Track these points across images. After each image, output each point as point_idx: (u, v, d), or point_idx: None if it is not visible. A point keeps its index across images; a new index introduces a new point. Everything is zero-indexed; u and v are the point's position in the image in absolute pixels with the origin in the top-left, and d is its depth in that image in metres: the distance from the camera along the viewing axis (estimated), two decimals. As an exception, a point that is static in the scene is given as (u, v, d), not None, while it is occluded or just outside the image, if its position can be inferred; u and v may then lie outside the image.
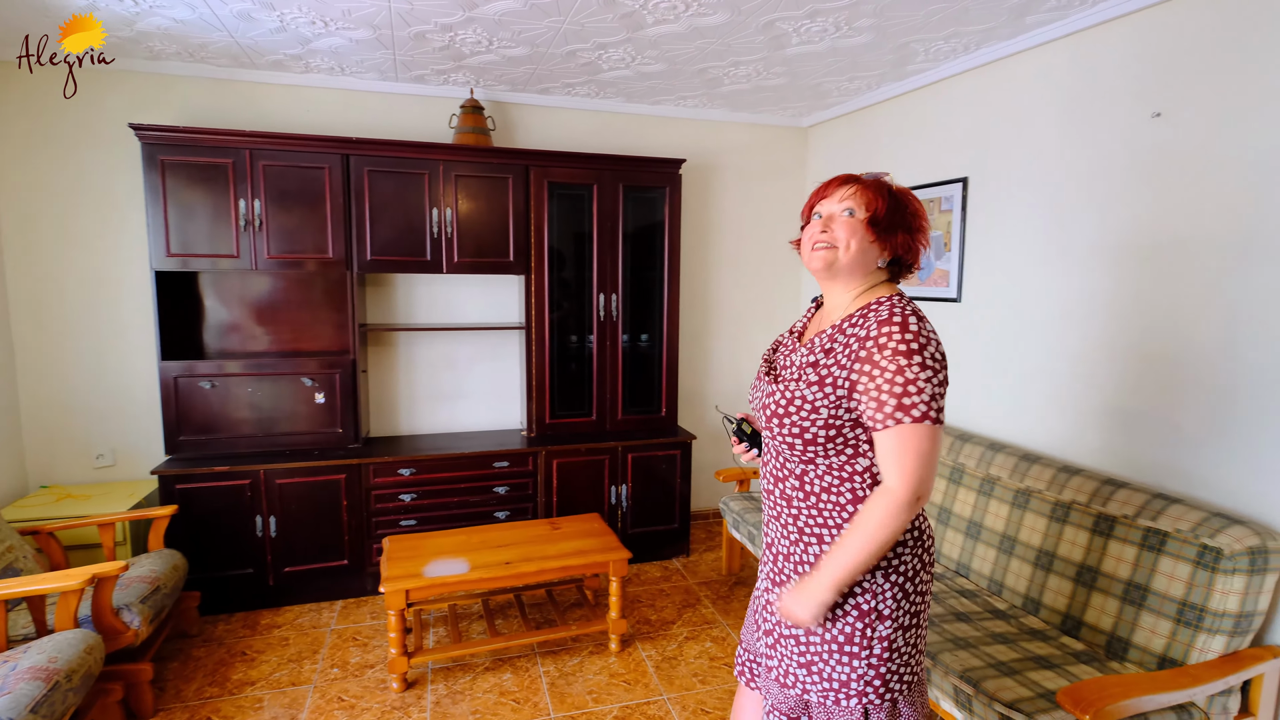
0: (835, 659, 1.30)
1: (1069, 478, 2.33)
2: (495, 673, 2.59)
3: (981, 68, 2.83)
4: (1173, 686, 1.74)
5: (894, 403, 1.18)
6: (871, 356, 1.20)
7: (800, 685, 1.34)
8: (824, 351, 1.29)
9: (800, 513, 1.33)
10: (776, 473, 1.37)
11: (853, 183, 1.33)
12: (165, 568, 2.55)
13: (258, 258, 3.01)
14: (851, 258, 1.29)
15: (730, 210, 4.02)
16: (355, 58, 2.98)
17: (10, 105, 2.96)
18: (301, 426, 3.15)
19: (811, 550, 1.33)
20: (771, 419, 1.31)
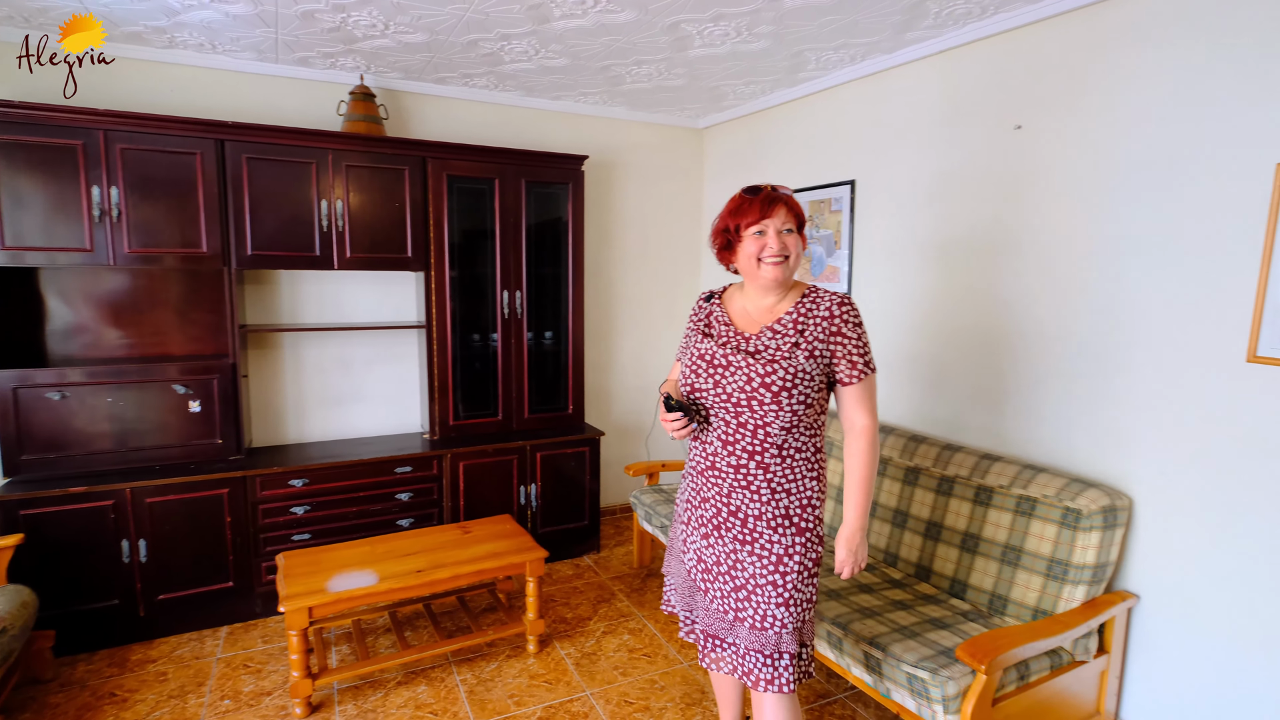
0: (805, 583, 1.65)
1: (952, 454, 2.56)
2: (409, 686, 2.48)
3: (867, 78, 3.05)
4: (1048, 633, 1.96)
5: (861, 361, 1.62)
6: (841, 330, 1.61)
7: (778, 623, 1.62)
8: (798, 334, 1.62)
9: (776, 474, 1.62)
10: (751, 447, 1.62)
11: (780, 202, 1.63)
12: (11, 606, 2.23)
13: (116, 252, 2.69)
14: (796, 266, 1.66)
15: (632, 207, 4.06)
16: (230, 34, 2.74)
17: None
18: (174, 438, 2.86)
19: (782, 503, 1.63)
20: (781, 392, 1.57)
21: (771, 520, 1.63)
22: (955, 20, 2.48)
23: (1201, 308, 2.01)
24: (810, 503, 1.66)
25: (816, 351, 1.61)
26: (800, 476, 1.64)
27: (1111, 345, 2.23)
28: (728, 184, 4.02)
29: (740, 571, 1.66)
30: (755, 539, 1.64)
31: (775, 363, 1.59)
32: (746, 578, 1.65)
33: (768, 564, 1.63)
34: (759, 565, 1.64)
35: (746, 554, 1.65)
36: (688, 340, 1.82)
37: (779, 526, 1.63)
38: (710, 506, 1.71)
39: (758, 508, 1.63)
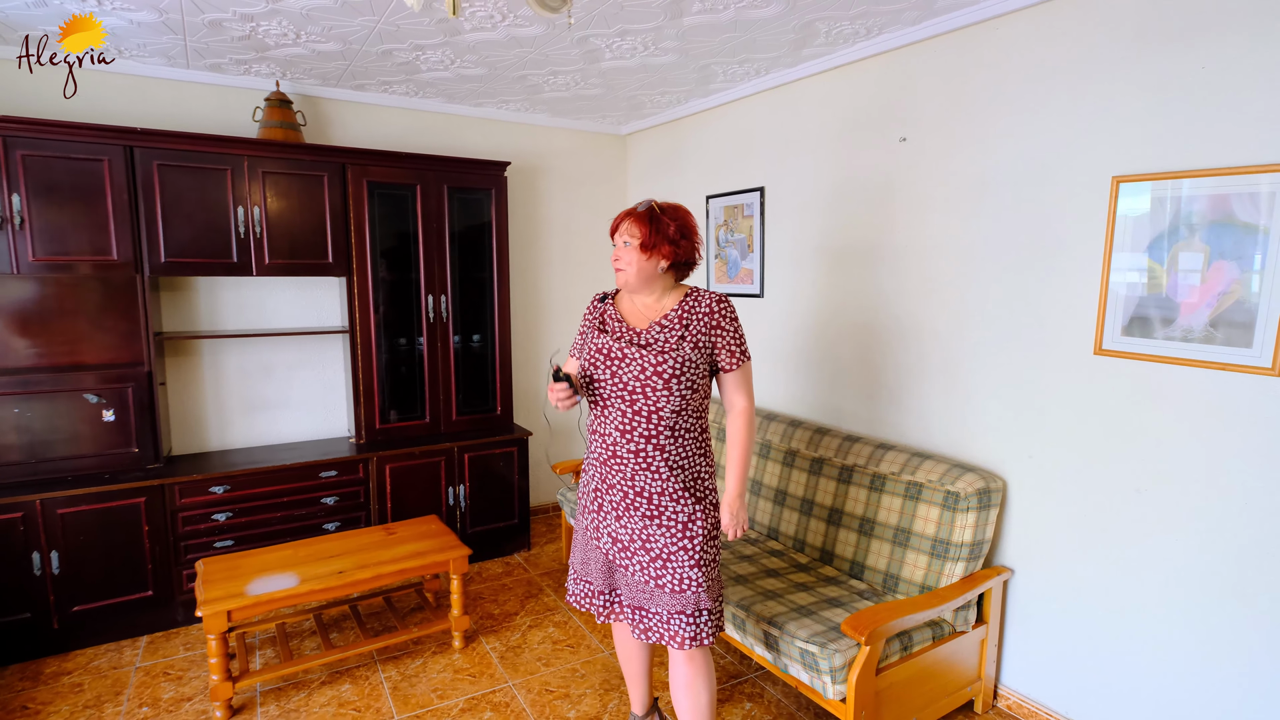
0: (710, 545, 1.87)
1: (851, 444, 2.74)
2: (333, 685, 2.53)
3: (772, 90, 3.21)
4: (924, 607, 2.14)
5: (739, 350, 1.88)
6: (720, 324, 1.86)
7: (694, 584, 1.82)
8: (683, 328, 1.84)
9: (671, 453, 1.83)
10: (647, 432, 1.82)
11: (629, 217, 1.87)
12: (-87, 623, 2.19)
13: (19, 260, 2.65)
14: (636, 275, 1.86)
15: (557, 212, 4.15)
16: (136, 40, 2.72)
17: None
18: (87, 448, 2.82)
19: (680, 478, 1.84)
20: (671, 379, 1.79)
21: (673, 494, 1.83)
22: (845, 39, 2.66)
23: (1054, 306, 2.22)
24: (702, 475, 1.89)
25: (700, 343, 1.84)
26: (692, 454, 1.86)
27: (978, 340, 2.44)
28: (651, 189, 4.15)
29: (654, 544, 1.86)
30: (661, 513, 1.84)
31: (665, 353, 1.81)
32: (660, 548, 1.85)
33: (676, 533, 1.84)
34: (668, 535, 1.84)
35: (656, 527, 1.85)
36: (583, 336, 2.00)
37: (680, 499, 1.84)
38: (617, 491, 1.88)
39: (659, 485, 1.83)
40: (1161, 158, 1.94)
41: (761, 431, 3.13)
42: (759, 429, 3.14)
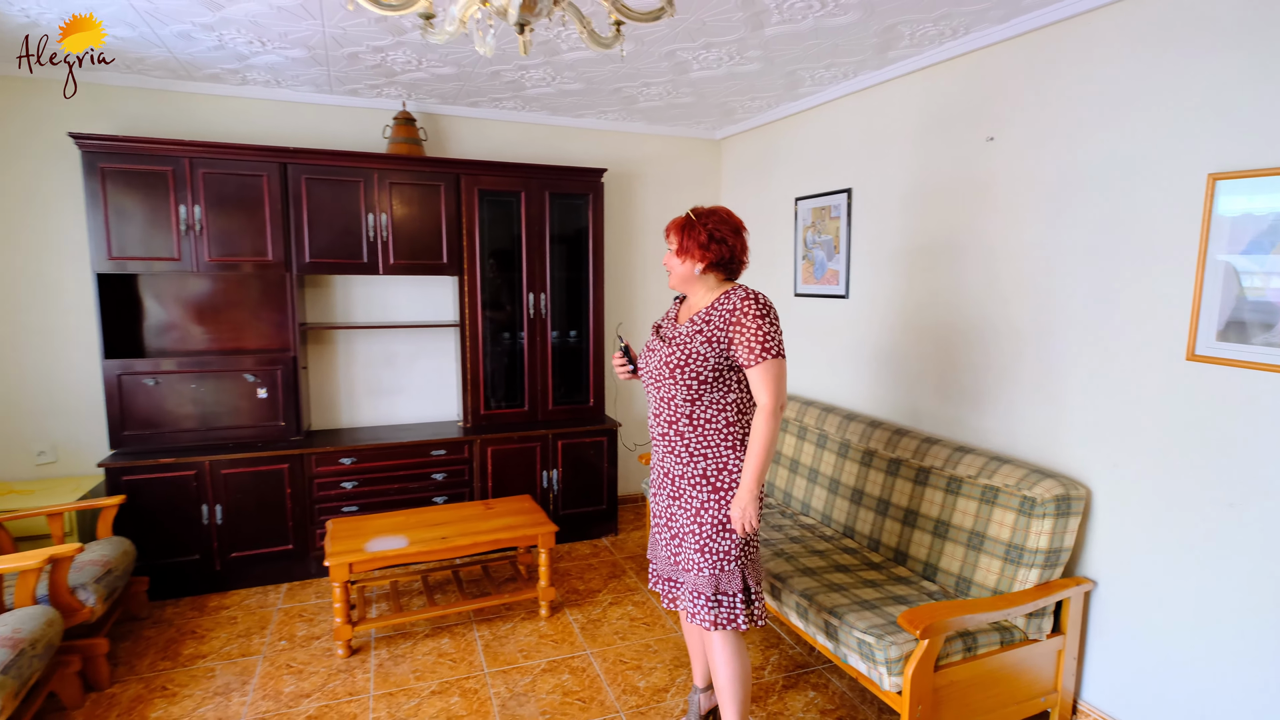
0: (714, 534, 1.94)
1: (929, 447, 2.74)
2: (434, 639, 2.85)
3: (860, 92, 3.23)
4: (987, 608, 2.14)
5: (759, 347, 1.88)
6: (740, 321, 1.90)
7: (696, 567, 1.96)
8: (704, 323, 1.94)
9: (690, 441, 1.95)
10: (669, 418, 1.97)
11: (671, 227, 2.04)
12: (116, 553, 2.71)
13: (199, 260, 3.17)
14: (677, 277, 2.03)
15: (651, 215, 4.34)
16: (291, 73, 3.18)
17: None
18: (245, 420, 3.33)
19: (698, 465, 1.95)
20: (677, 370, 1.93)
21: (691, 479, 1.97)
22: (930, 40, 2.66)
23: (1144, 309, 2.14)
24: (725, 467, 1.95)
25: (714, 338, 1.92)
26: (714, 444, 1.94)
27: (1064, 343, 2.38)
28: (743, 192, 4.25)
29: (674, 522, 2.04)
30: (681, 494, 2.00)
31: (676, 346, 1.96)
32: (678, 528, 2.02)
33: (690, 515, 1.98)
34: (684, 516, 1.99)
35: (678, 508, 2.02)
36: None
37: (697, 484, 1.97)
38: (657, 470, 2.10)
39: (680, 469, 1.99)
40: (1261, 154, 1.84)
41: (840, 431, 3.16)
42: (839, 427, 3.18)
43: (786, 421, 3.52)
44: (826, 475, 3.18)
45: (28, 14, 2.47)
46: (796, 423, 3.45)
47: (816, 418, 3.34)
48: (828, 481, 3.17)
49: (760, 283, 4.14)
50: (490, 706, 2.41)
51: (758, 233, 4.15)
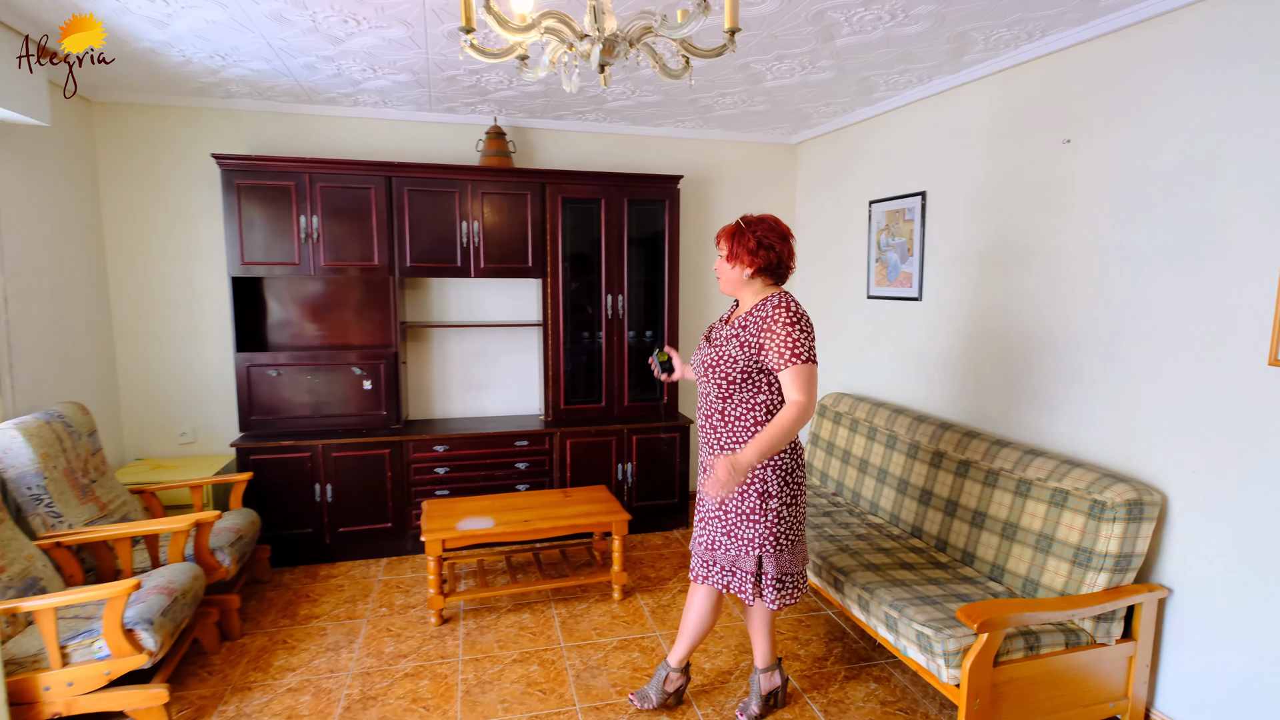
0: (743, 525, 2.11)
1: (999, 449, 2.75)
2: (516, 614, 3.09)
3: (934, 96, 3.25)
4: (1048, 608, 2.16)
5: (788, 353, 2.00)
6: (771, 327, 2.02)
7: (721, 548, 2.15)
8: (741, 328, 2.10)
9: (722, 435, 2.12)
10: (707, 411, 2.16)
11: (721, 235, 2.17)
12: (245, 522, 3.09)
13: (315, 265, 3.54)
14: (727, 283, 2.17)
15: (727, 219, 4.46)
16: (397, 94, 3.50)
17: (116, 140, 3.53)
18: (352, 409, 3.69)
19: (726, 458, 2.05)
20: (709, 369, 2.10)
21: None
22: (1005, 44, 2.67)
23: (1223, 314, 2.10)
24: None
25: (748, 342, 2.06)
26: (742, 441, 2.09)
27: (1140, 347, 2.35)
28: (817, 195, 4.31)
29: (703, 507, 2.23)
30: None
31: (715, 347, 2.13)
32: (705, 513, 2.22)
33: (716, 503, 2.16)
34: (713, 504, 2.17)
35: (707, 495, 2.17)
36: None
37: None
38: (702, 456, 2.25)
39: (713, 459, 2.14)
40: (1348, 154, 1.80)
41: (910, 432, 3.20)
42: (909, 428, 3.21)
43: (856, 422, 3.57)
44: (895, 475, 3.22)
45: (184, 54, 2.88)
46: (866, 423, 3.50)
47: (887, 419, 3.38)
48: (896, 481, 3.21)
49: (832, 285, 4.20)
50: (566, 676, 2.62)
51: (830, 236, 4.21)
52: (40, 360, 2.99)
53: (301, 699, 2.47)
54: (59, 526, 2.58)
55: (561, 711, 2.41)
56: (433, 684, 2.56)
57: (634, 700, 2.42)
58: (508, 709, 2.42)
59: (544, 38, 1.46)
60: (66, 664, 2.12)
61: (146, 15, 2.47)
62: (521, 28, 1.40)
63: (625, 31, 1.44)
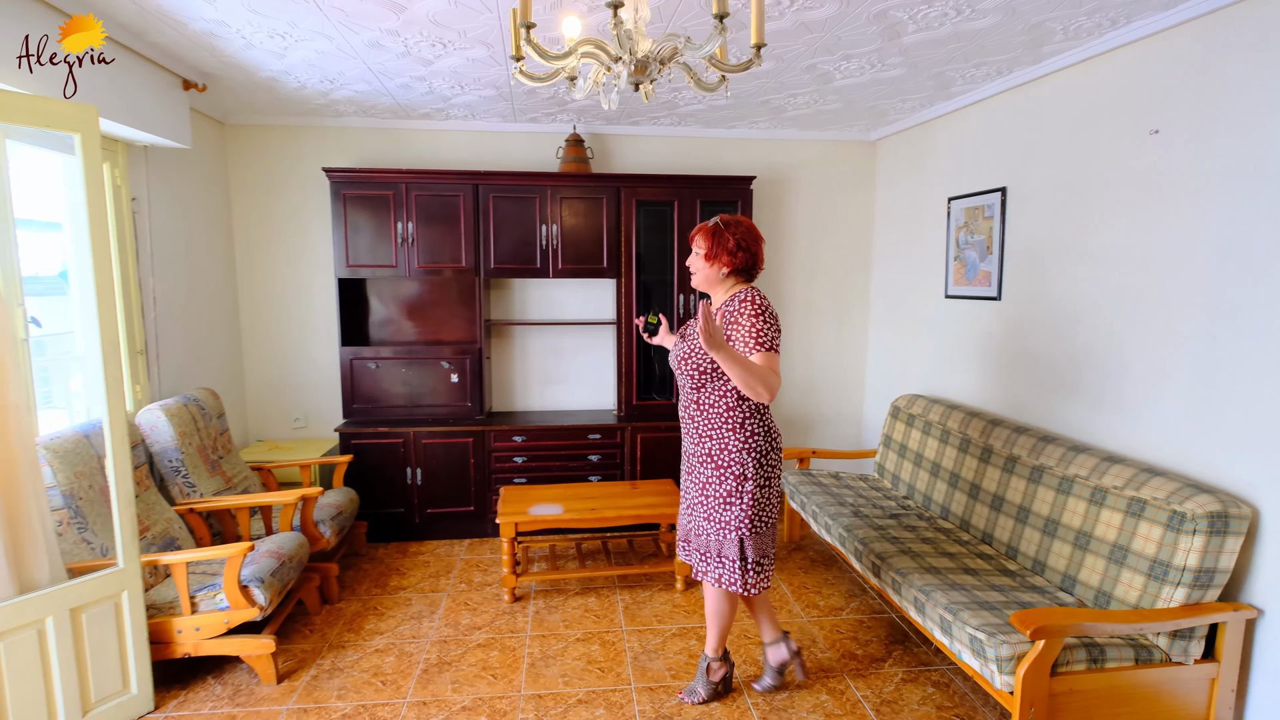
0: (717, 508, 2.23)
1: (1075, 455, 2.64)
2: (582, 597, 3.26)
3: (1015, 89, 3.14)
4: (1109, 619, 2.07)
5: (753, 341, 2.10)
6: (737, 319, 2.14)
7: (703, 533, 2.27)
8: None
9: (699, 423, 2.25)
10: (684, 403, 2.30)
11: (700, 231, 2.26)
12: (345, 499, 3.43)
13: (410, 267, 3.86)
14: (702, 278, 2.27)
15: (803, 218, 4.46)
16: (483, 108, 3.76)
17: (244, 157, 4.00)
18: (440, 400, 3.99)
19: (706, 444, 2.24)
20: (682, 362, 2.24)
21: (699, 457, 2.28)
22: (1087, 33, 2.56)
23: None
24: (726, 447, 2.21)
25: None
26: (718, 427, 2.22)
27: (1232, 350, 2.21)
28: (896, 193, 4.23)
29: (687, 494, 2.37)
30: (693, 470, 2.32)
31: (687, 341, 2.26)
32: (689, 500, 2.36)
33: (698, 489, 2.29)
34: (694, 490, 2.31)
35: (690, 481, 2.34)
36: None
37: (704, 461, 2.26)
38: (685, 446, 2.38)
39: (693, 446, 2.30)
40: None
41: (984, 436, 3.11)
42: (982, 432, 3.13)
43: (929, 425, 3.50)
44: (967, 480, 3.14)
45: (299, 80, 3.23)
46: (939, 426, 3.42)
47: (960, 422, 3.30)
48: (968, 486, 3.13)
49: (910, 285, 4.11)
50: (625, 657, 2.75)
51: (909, 234, 4.12)
52: (180, 351, 3.45)
53: (386, 659, 2.73)
54: (192, 495, 2.98)
55: (617, 689, 2.54)
56: (501, 655, 2.76)
57: (684, 698, 2.47)
58: (567, 682, 2.58)
59: (583, 62, 1.59)
60: (195, 611, 2.47)
61: (268, 50, 2.81)
62: (559, 56, 1.53)
63: (656, 53, 1.54)
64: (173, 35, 2.66)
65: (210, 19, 2.50)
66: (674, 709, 2.44)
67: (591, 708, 2.44)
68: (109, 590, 2.27)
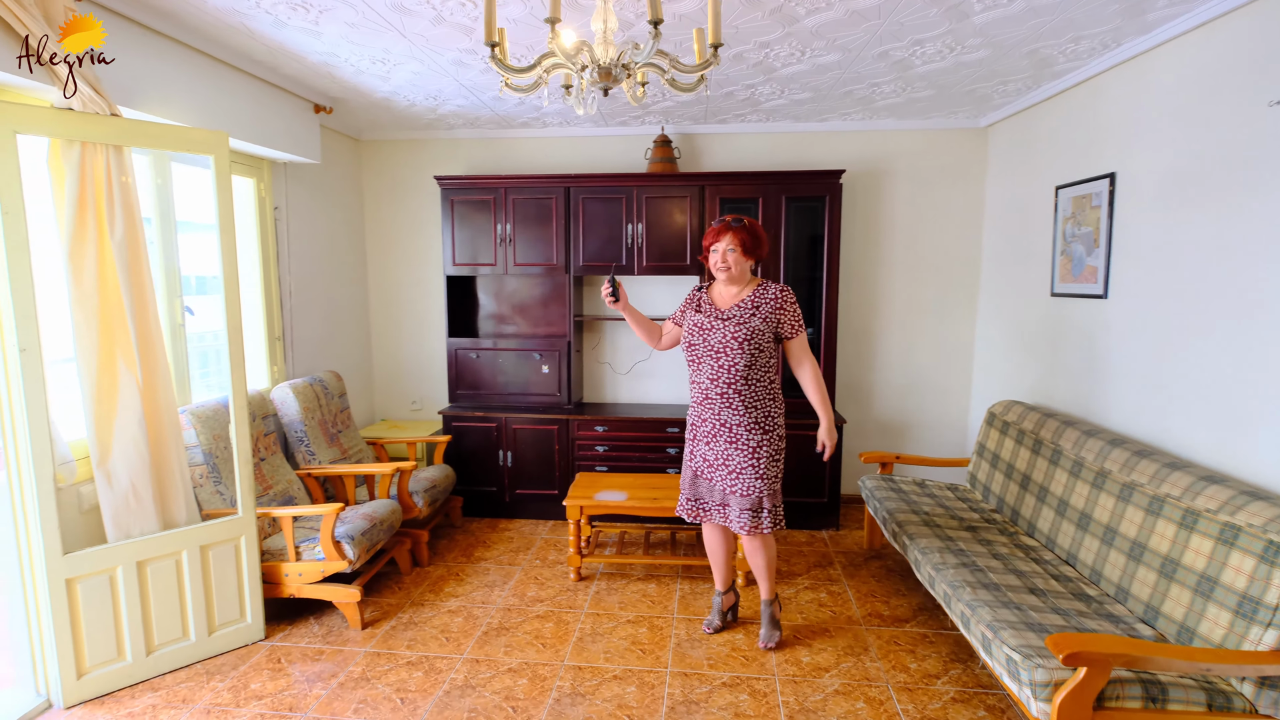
0: (767, 465, 2.60)
1: (1170, 472, 2.35)
2: (643, 583, 3.37)
3: (1122, 64, 2.82)
4: (1164, 654, 1.84)
5: (797, 324, 2.63)
6: (784, 306, 2.60)
7: (755, 490, 2.60)
8: (755, 308, 2.59)
9: (746, 396, 2.58)
10: (728, 380, 2.57)
11: (728, 230, 2.59)
12: (440, 475, 3.81)
13: (508, 265, 4.18)
14: (738, 269, 2.61)
15: (902, 211, 4.25)
16: (574, 114, 3.98)
17: (374, 168, 4.54)
18: (532, 390, 4.28)
19: (753, 414, 2.59)
20: (743, 343, 2.54)
21: (747, 426, 2.60)
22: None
23: None
24: (770, 414, 2.63)
25: (768, 318, 2.59)
26: (762, 398, 2.61)
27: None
28: (1006, 182, 3.92)
29: (731, 461, 2.64)
30: (738, 439, 2.61)
31: (740, 325, 2.57)
32: (735, 465, 2.63)
33: (746, 453, 2.61)
34: (741, 455, 2.61)
35: (734, 450, 2.63)
36: (682, 312, 2.81)
37: (752, 429, 2.60)
38: (708, 424, 2.67)
39: (738, 418, 2.60)
40: None
41: (1077, 447, 2.83)
42: (1076, 443, 2.85)
43: (1022, 433, 3.23)
44: (1055, 495, 2.88)
45: (408, 100, 3.63)
46: (1033, 435, 3.15)
47: (1054, 431, 3.02)
48: (1056, 502, 2.87)
49: (1013, 282, 3.80)
50: (669, 643, 2.83)
51: (1015, 227, 3.81)
52: (312, 339, 4.00)
53: (455, 619, 3.02)
54: (311, 462, 3.47)
55: (652, 670, 2.64)
56: (555, 627, 2.95)
57: (705, 629, 2.93)
58: (608, 659, 2.72)
59: (552, 73, 1.71)
60: (298, 559, 2.90)
61: (374, 74, 3.21)
62: (524, 70, 1.66)
63: (614, 60, 1.62)
64: (297, 67, 3.12)
65: (322, 51, 2.91)
66: (702, 695, 2.49)
67: (624, 684, 2.56)
68: (230, 534, 2.74)
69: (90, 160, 2.32)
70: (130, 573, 2.50)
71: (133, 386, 2.47)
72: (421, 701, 2.46)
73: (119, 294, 2.42)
